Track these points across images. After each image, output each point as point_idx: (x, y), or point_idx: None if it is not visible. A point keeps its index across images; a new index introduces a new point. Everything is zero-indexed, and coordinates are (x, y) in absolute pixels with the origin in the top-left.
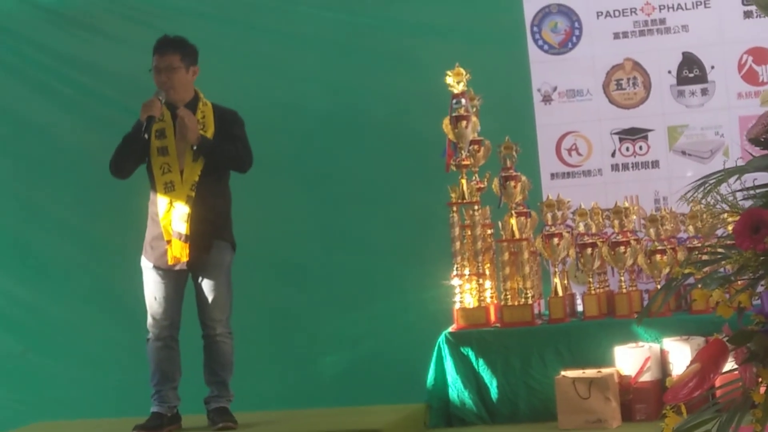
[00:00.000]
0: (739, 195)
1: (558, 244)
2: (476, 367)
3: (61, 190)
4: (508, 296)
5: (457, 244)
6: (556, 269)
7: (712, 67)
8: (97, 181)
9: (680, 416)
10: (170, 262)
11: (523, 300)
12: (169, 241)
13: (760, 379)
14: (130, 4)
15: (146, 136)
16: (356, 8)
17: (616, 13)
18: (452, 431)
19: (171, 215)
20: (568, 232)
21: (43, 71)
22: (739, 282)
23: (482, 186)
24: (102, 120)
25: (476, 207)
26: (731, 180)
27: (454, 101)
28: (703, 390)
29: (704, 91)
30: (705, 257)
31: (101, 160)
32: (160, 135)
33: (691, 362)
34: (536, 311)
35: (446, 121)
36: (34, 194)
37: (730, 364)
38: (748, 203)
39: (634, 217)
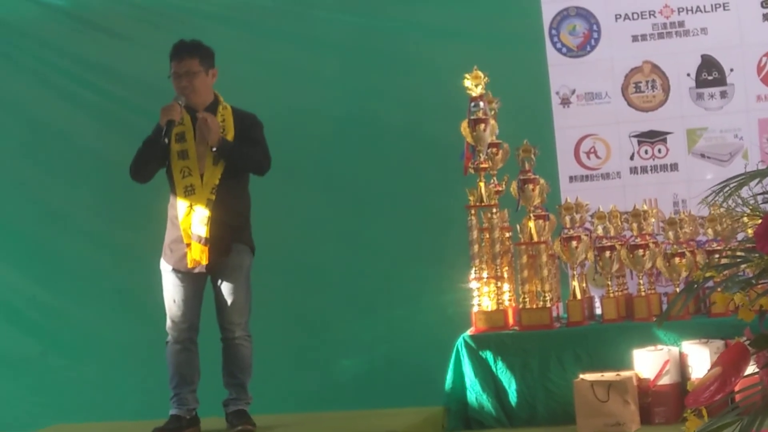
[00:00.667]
0: (760, 198)
1: (576, 247)
2: (494, 370)
3: (81, 193)
4: (527, 299)
5: (476, 247)
6: (575, 272)
7: (731, 70)
8: (116, 184)
9: (701, 420)
10: (190, 265)
11: (541, 303)
12: (188, 245)
13: None
14: (148, 8)
15: (166, 140)
16: (373, 12)
17: (635, 16)
18: None
19: (191, 218)
20: (587, 235)
21: (62, 75)
22: (760, 285)
23: (500, 189)
24: (122, 123)
25: (494, 210)
26: (752, 183)
27: (473, 104)
28: (725, 393)
29: (723, 94)
30: (725, 260)
31: (121, 164)
32: (180, 138)
33: (713, 366)
34: (555, 314)
35: (464, 124)
36: (54, 197)
37: (751, 368)
38: None
39: (653, 220)
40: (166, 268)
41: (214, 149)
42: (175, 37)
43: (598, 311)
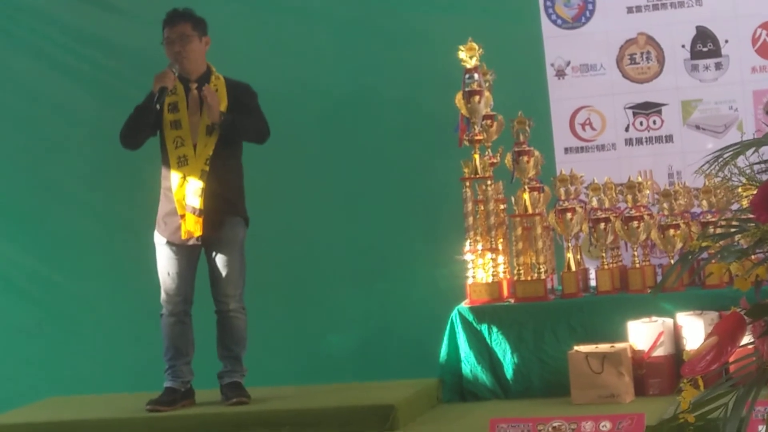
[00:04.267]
0: (756, 168)
1: (571, 219)
2: (489, 342)
3: (76, 166)
4: (521, 271)
5: (470, 219)
6: (569, 244)
7: (726, 41)
8: (111, 156)
9: (697, 390)
10: (184, 236)
11: (536, 275)
12: (182, 216)
13: None
14: None
15: (158, 106)
16: None
17: None
18: (465, 406)
19: (185, 190)
20: (582, 206)
21: (57, 48)
22: (756, 255)
23: (495, 161)
24: (116, 95)
25: (489, 182)
26: (748, 153)
27: (467, 76)
28: (721, 363)
29: (718, 66)
30: (720, 231)
31: (116, 136)
32: (172, 108)
33: (709, 335)
34: (549, 286)
35: (459, 96)
36: (49, 169)
37: (747, 338)
38: (764, 176)
39: (648, 191)
40: (159, 240)
41: (216, 125)
42: (169, 8)
43: (593, 283)
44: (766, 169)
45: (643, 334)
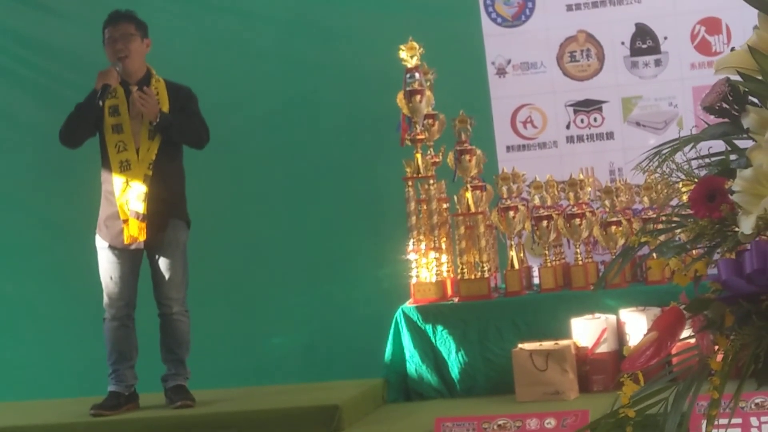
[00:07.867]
0: (694, 164)
1: (514, 217)
2: (434, 341)
3: (15, 168)
4: (465, 270)
5: (413, 218)
6: (512, 242)
7: (665, 38)
8: (51, 159)
9: (637, 385)
10: (127, 241)
11: (479, 273)
12: (125, 221)
13: (717, 347)
14: None
15: (101, 103)
16: None
17: None
18: (411, 405)
19: (127, 194)
20: (524, 204)
21: None
22: (695, 250)
23: (437, 160)
24: (56, 98)
25: (431, 181)
26: (686, 149)
27: (408, 75)
28: (660, 358)
29: (657, 62)
30: (660, 226)
31: (55, 138)
32: (113, 112)
33: (648, 330)
34: (493, 284)
35: (400, 96)
36: None
37: (686, 332)
38: (703, 172)
39: (589, 188)
40: (101, 245)
41: (154, 124)
42: (109, 11)
43: (536, 281)
44: (703, 164)
45: (586, 330)
